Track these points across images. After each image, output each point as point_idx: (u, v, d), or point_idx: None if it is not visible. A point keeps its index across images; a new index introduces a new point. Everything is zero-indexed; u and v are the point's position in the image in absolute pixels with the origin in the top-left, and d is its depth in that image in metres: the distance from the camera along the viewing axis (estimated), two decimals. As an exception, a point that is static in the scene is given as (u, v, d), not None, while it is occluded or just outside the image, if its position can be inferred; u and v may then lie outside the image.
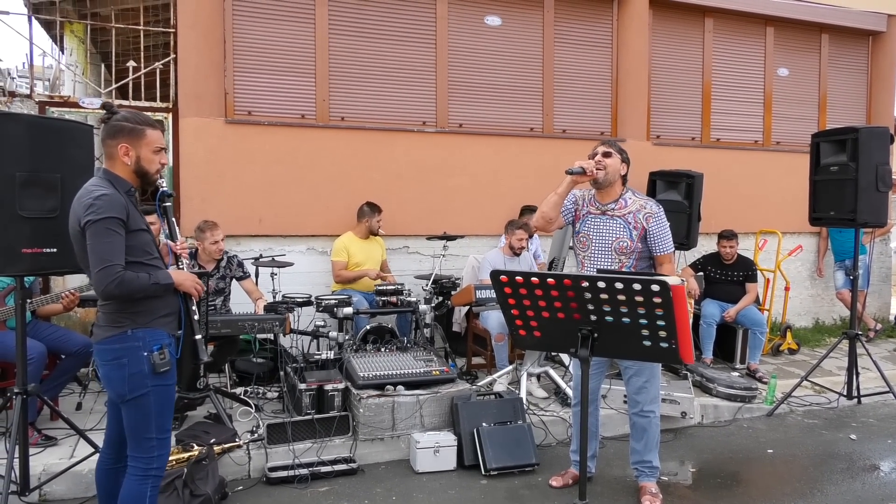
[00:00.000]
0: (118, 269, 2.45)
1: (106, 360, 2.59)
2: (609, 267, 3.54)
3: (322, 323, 5.15)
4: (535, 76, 6.84)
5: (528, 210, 6.37)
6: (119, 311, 2.56)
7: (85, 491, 3.60)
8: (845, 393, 5.39)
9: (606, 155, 3.54)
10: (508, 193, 6.56)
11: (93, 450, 3.56)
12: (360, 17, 6.19)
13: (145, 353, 2.56)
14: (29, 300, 3.92)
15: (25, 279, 3.32)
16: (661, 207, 3.59)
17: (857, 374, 5.38)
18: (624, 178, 3.62)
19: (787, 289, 7.22)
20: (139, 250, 2.57)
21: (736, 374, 5.85)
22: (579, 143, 6.72)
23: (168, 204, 2.87)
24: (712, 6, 7.47)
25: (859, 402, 5.42)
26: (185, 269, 2.82)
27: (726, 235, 6.27)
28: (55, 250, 3.17)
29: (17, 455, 3.23)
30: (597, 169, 3.49)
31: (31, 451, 3.53)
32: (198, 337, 2.85)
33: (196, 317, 2.79)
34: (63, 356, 4.32)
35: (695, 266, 6.45)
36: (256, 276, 5.30)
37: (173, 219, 2.90)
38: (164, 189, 2.85)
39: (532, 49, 6.82)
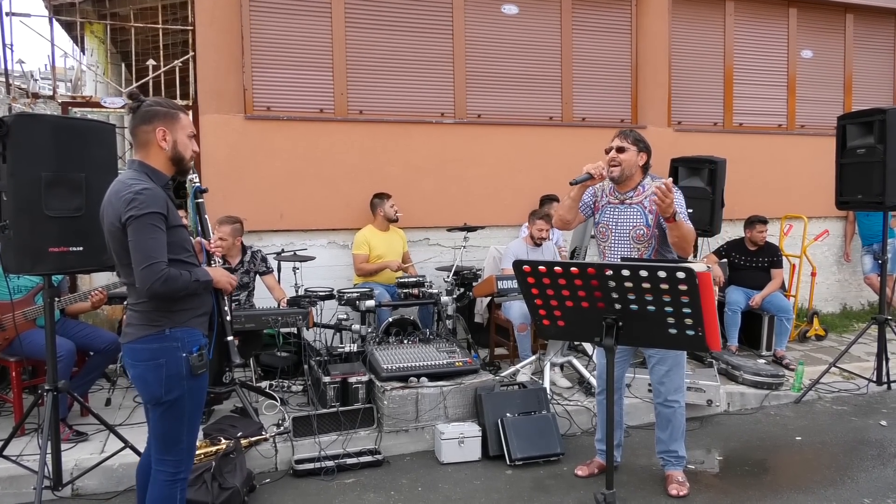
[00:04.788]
0: (163, 266, 2.33)
1: (141, 360, 2.46)
2: (629, 256, 3.51)
3: (345, 316, 5.17)
4: (553, 64, 6.78)
5: (548, 200, 6.33)
6: (156, 309, 2.44)
7: (116, 485, 3.67)
8: (875, 379, 5.31)
9: (620, 150, 3.50)
10: (528, 183, 6.53)
11: (123, 444, 3.62)
12: (376, 9, 6.17)
13: (184, 354, 2.46)
14: (57, 299, 3.98)
15: (53, 278, 3.36)
16: (675, 186, 3.50)
17: (887, 359, 5.29)
18: (644, 168, 3.57)
19: (813, 274, 7.11)
20: (178, 247, 2.46)
21: (762, 361, 5.78)
22: (599, 131, 6.65)
23: (201, 200, 2.81)
24: (733, -12, 7.36)
25: (889, 387, 5.33)
26: (217, 266, 2.76)
27: (759, 220, 6.15)
28: (81, 249, 3.20)
29: (49, 451, 3.29)
30: (611, 167, 3.46)
31: (63, 446, 3.58)
32: (229, 338, 2.73)
33: (228, 317, 2.70)
34: (92, 353, 4.38)
35: (719, 253, 6.37)
36: (279, 270, 5.34)
37: (206, 216, 2.83)
38: (198, 185, 2.79)
39: (550, 37, 6.76)
